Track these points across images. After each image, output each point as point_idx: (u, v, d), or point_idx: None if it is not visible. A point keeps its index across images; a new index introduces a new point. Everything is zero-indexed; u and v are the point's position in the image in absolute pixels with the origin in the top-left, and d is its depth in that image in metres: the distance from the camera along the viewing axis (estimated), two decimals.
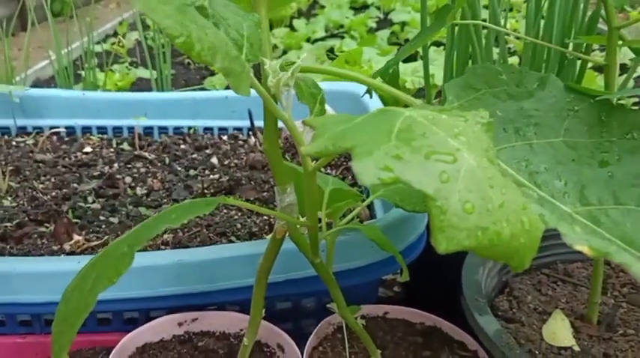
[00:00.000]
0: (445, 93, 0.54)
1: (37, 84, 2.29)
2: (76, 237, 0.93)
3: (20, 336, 0.81)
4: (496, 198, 0.35)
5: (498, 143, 0.51)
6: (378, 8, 3.42)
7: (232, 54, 0.45)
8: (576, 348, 0.73)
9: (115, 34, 3.10)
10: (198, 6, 0.47)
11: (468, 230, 0.33)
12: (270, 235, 0.99)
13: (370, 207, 1.07)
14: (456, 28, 1.02)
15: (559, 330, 0.75)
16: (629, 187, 0.50)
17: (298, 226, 0.60)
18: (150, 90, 1.89)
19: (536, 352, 0.71)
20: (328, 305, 0.68)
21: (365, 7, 3.53)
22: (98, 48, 2.26)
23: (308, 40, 2.79)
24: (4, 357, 0.81)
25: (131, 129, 1.43)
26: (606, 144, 0.52)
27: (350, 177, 1.22)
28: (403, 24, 2.89)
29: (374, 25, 3.04)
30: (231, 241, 0.96)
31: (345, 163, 1.29)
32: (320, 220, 0.72)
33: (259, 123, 1.45)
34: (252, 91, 1.43)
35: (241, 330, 0.80)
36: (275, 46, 2.84)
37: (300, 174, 0.60)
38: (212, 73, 2.46)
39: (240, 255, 0.75)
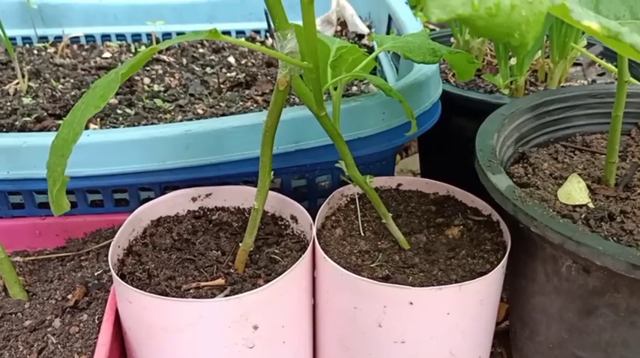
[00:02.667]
0: None
1: None
2: (92, 126, 0.90)
3: (40, 218, 0.80)
4: None
5: None
6: None
7: None
8: (591, 206, 0.68)
9: None
10: None
11: None
12: None
13: None
14: None
15: (574, 191, 0.71)
16: None
17: (301, 76, 0.56)
18: None
19: (550, 210, 0.67)
20: (337, 164, 0.64)
21: None
22: None
23: None
24: (25, 239, 0.80)
25: (149, 35, 1.38)
26: None
27: None
28: None
29: None
30: None
31: None
32: (328, 92, 0.68)
33: None
34: None
35: None
36: None
37: (300, 27, 0.55)
38: None
39: (248, 124, 0.72)
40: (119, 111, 1.00)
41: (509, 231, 0.69)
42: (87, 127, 0.90)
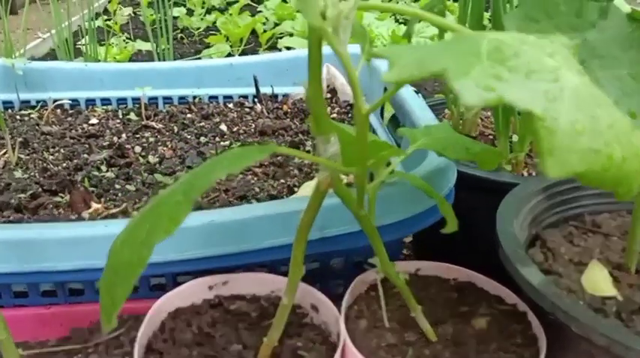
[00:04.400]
0: (505, 27, 0.50)
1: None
2: (95, 205, 0.88)
3: (44, 307, 0.77)
4: (604, 119, 0.31)
5: None
6: None
7: None
8: (620, 298, 0.70)
9: (106, 12, 3.01)
10: None
11: (581, 152, 0.30)
12: (291, 197, 0.95)
13: None
14: None
15: (599, 280, 0.72)
16: None
17: (342, 177, 0.56)
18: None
19: (581, 302, 0.68)
20: (370, 260, 0.64)
21: None
22: (82, 24, 2.19)
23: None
24: (28, 329, 0.76)
25: (135, 100, 1.37)
26: None
27: None
28: None
29: None
30: None
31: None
32: None
33: (264, 89, 1.40)
34: (256, 58, 1.36)
35: (272, 292, 0.76)
36: (266, 19, 2.77)
37: (339, 128, 0.56)
38: (207, 46, 2.40)
39: (272, 213, 0.71)
40: (117, 187, 0.98)
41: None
42: (89, 206, 0.88)
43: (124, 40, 2.15)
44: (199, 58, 2.04)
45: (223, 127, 1.26)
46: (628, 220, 0.90)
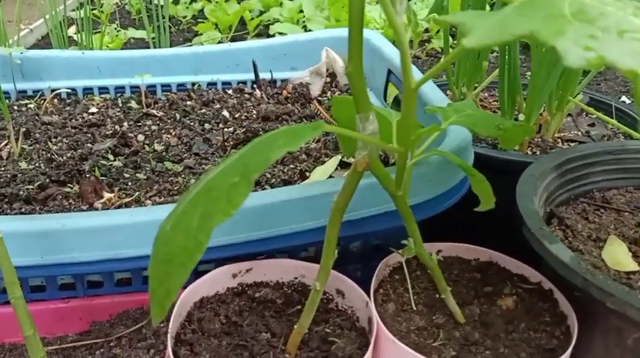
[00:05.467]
0: None
1: None
2: (107, 195, 0.85)
3: (63, 301, 0.74)
4: None
5: None
6: None
7: None
8: None
9: (91, 1, 2.92)
10: None
11: None
12: (303, 181, 0.92)
13: None
14: None
15: (620, 256, 0.71)
16: None
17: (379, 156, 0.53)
18: None
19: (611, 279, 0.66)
20: (404, 241, 0.62)
21: None
22: (76, 14, 2.12)
23: None
24: (45, 324, 0.73)
25: (133, 87, 1.33)
26: None
27: None
28: None
29: None
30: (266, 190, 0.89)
31: None
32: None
33: (263, 75, 1.37)
34: (253, 43, 1.31)
35: (295, 278, 0.74)
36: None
37: (374, 108, 0.53)
38: (195, 34, 2.34)
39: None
40: (127, 175, 0.94)
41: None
42: (100, 196, 0.84)
43: (116, 29, 2.09)
44: (191, 46, 1.99)
45: (225, 114, 1.23)
46: (636, 196, 0.89)
